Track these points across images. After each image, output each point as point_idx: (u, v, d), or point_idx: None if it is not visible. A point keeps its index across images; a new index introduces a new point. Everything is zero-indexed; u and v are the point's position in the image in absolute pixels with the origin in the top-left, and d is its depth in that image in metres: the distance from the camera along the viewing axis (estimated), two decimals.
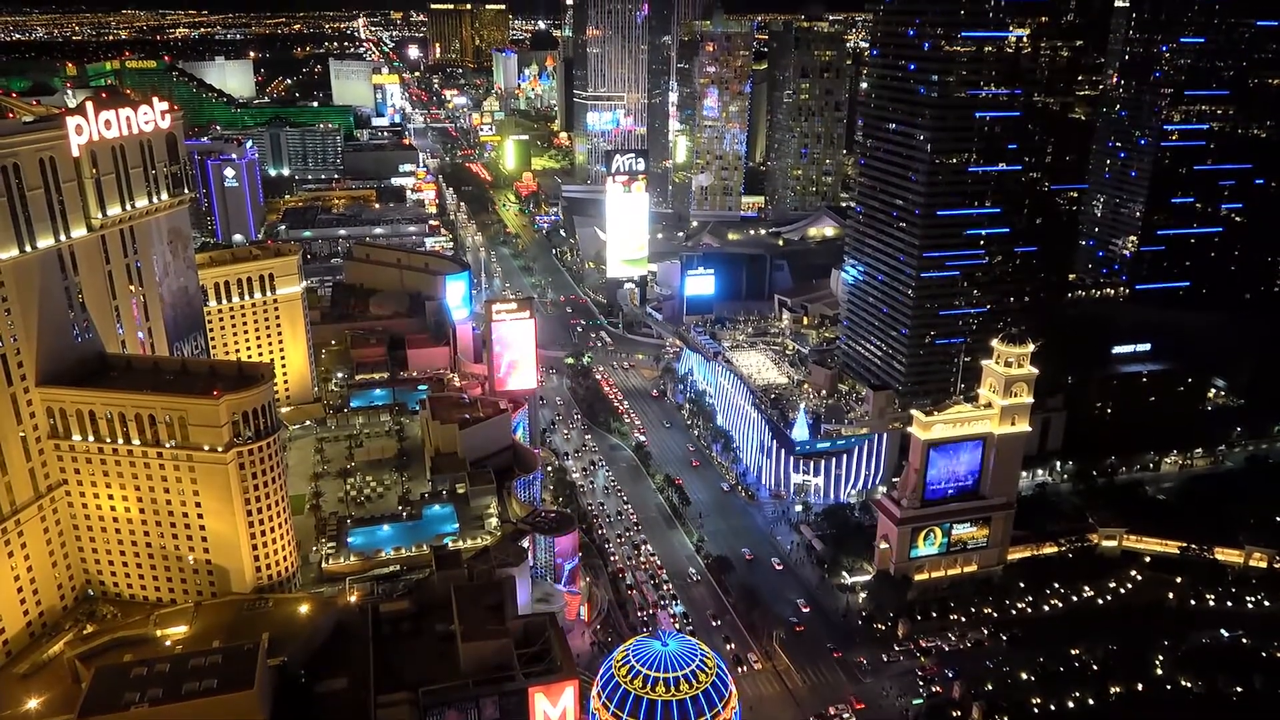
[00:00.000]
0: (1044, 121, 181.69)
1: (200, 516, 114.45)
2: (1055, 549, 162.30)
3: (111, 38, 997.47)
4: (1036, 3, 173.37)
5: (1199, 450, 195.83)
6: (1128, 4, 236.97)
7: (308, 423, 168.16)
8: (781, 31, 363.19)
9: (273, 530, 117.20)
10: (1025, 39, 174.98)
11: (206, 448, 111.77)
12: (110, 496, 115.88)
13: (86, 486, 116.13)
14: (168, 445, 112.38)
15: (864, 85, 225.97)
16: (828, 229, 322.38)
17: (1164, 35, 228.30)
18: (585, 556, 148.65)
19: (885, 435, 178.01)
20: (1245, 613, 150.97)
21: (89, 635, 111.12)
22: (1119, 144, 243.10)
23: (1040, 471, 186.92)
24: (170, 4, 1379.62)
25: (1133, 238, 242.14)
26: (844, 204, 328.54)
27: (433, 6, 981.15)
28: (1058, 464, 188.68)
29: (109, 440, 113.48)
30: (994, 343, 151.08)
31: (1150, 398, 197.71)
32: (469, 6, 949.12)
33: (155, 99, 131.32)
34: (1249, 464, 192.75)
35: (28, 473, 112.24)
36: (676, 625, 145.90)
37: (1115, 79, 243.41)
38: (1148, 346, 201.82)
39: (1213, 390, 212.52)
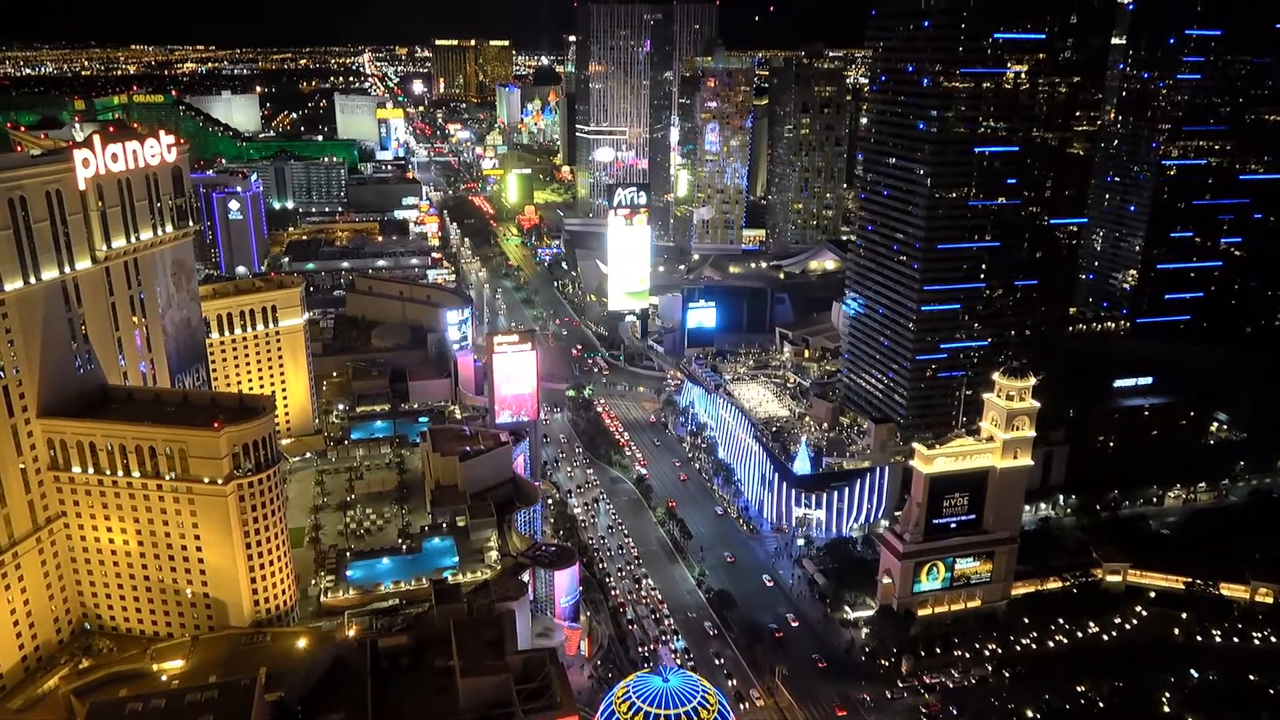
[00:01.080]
0: (1043, 156, 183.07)
1: (199, 549, 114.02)
2: (1059, 584, 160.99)
3: (120, 73, 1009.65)
4: (1034, 40, 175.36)
5: (1202, 484, 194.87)
6: (1124, 41, 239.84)
7: (308, 455, 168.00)
8: (782, 68, 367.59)
9: (272, 563, 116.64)
10: (1023, 75, 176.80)
11: (206, 480, 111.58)
12: (109, 529, 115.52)
13: (85, 519, 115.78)
14: (168, 477, 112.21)
15: (864, 120, 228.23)
16: (828, 262, 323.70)
17: (1161, 72, 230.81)
18: (586, 590, 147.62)
19: (887, 468, 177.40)
20: (1251, 649, 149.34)
21: (85, 670, 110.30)
22: (1118, 178, 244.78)
23: (1043, 505, 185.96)
24: (178, 39, 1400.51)
25: (1133, 271, 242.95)
26: (845, 237, 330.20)
27: (437, 42, 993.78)
28: (1060, 498, 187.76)
29: (109, 472, 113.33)
30: (995, 376, 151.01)
31: (1152, 431, 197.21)
32: (473, 43, 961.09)
33: (162, 133, 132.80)
34: (1252, 498, 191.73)
35: (27, 505, 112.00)
36: (678, 661, 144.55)
37: (1113, 115, 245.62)
38: (1149, 380, 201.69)
39: (1215, 424, 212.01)
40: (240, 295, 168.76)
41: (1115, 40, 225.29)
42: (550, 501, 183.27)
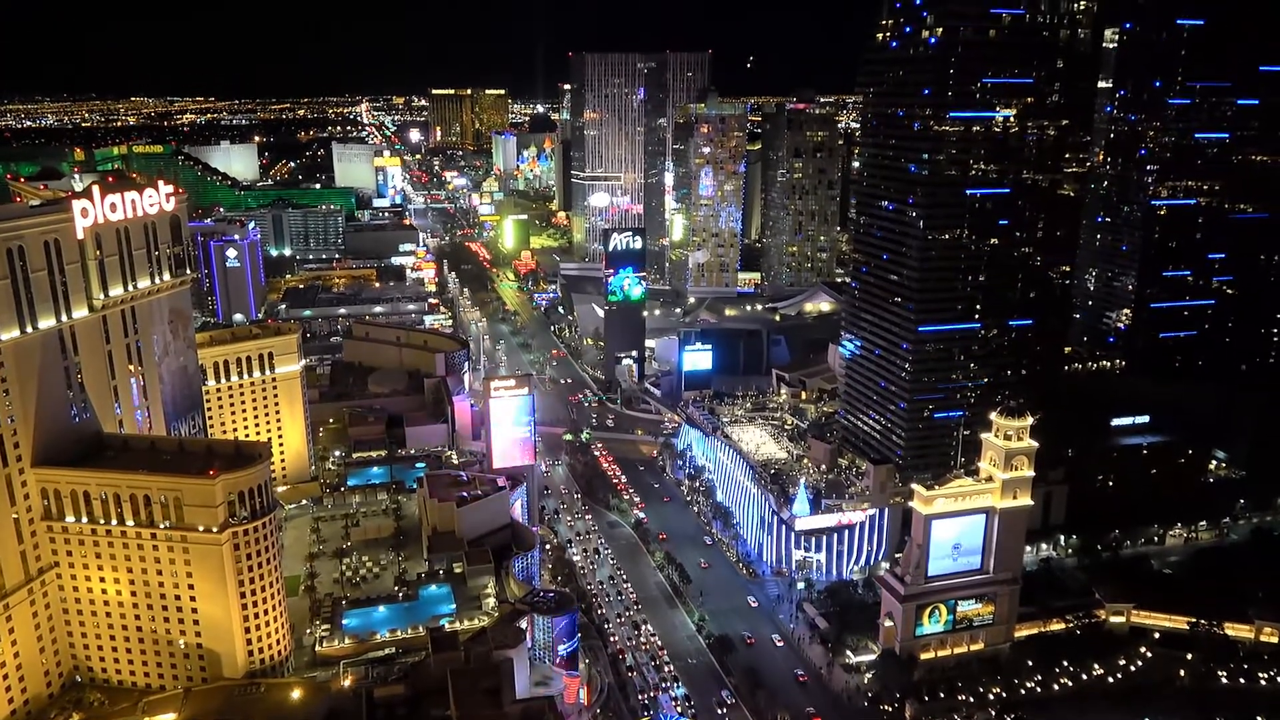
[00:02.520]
0: (1034, 197, 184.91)
1: (193, 599, 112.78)
2: (1062, 625, 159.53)
3: (120, 124, 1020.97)
4: (1022, 84, 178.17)
5: (1203, 523, 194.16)
6: (1111, 84, 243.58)
7: (304, 502, 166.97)
8: (774, 113, 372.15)
9: (266, 613, 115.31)
10: (1012, 119, 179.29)
11: (201, 528, 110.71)
12: (102, 579, 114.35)
13: (78, 569, 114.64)
14: (162, 526, 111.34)
15: (856, 164, 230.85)
16: (824, 304, 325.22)
17: (1148, 114, 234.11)
18: (584, 637, 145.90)
19: (887, 510, 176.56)
20: (1258, 689, 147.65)
21: None
22: (1109, 219, 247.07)
23: (1044, 546, 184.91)
24: (178, 91, 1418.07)
25: (1126, 310, 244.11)
26: (839, 279, 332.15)
27: (434, 92, 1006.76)
28: (1061, 538, 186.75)
29: (103, 521, 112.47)
30: (993, 415, 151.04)
31: (1151, 470, 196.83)
32: (469, 91, 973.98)
33: (160, 182, 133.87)
34: (1254, 536, 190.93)
35: (19, 556, 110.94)
36: (678, 708, 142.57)
37: (1102, 156, 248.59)
38: (1146, 419, 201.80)
39: (1213, 462, 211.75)
40: (237, 342, 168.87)
41: (1102, 84, 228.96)
42: (548, 547, 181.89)
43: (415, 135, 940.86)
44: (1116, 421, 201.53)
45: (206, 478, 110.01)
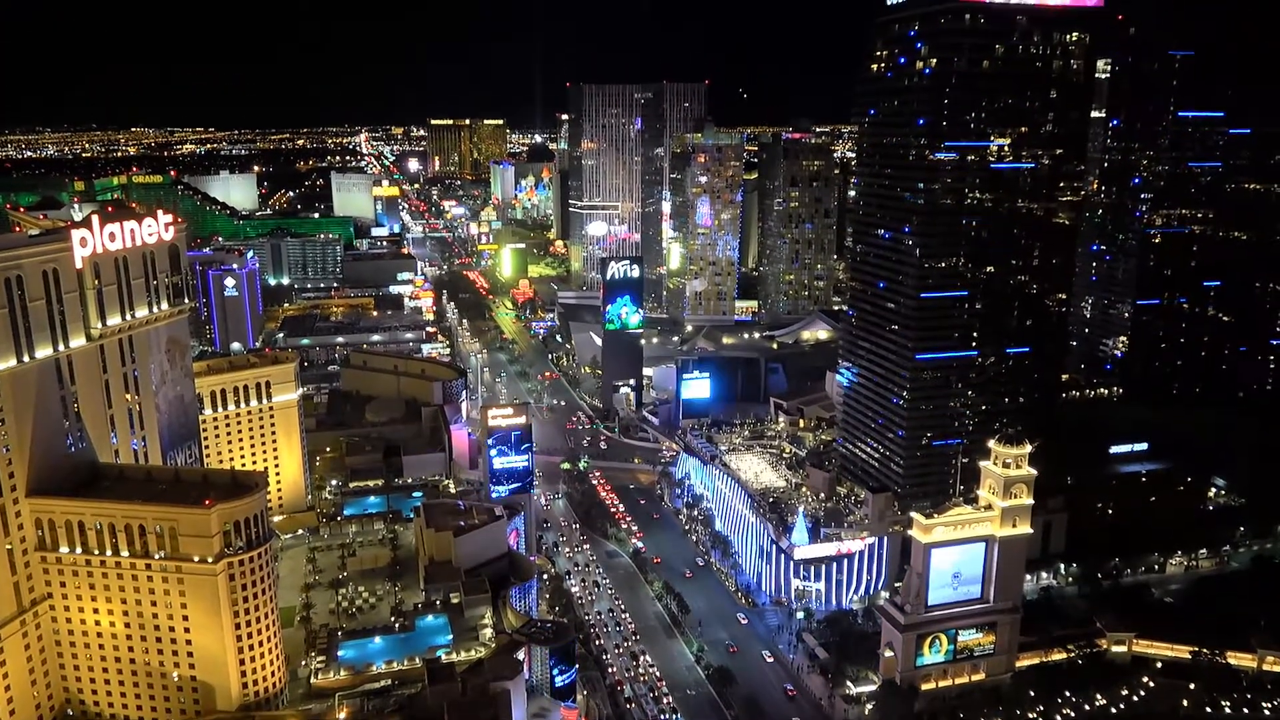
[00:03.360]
0: (1029, 226, 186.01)
1: (187, 631, 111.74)
2: (1064, 655, 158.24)
3: (120, 154, 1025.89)
4: (1016, 113, 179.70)
5: (1203, 551, 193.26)
6: (1104, 114, 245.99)
7: (300, 531, 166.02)
8: (771, 143, 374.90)
9: (261, 644, 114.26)
10: (1006, 148, 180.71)
11: (196, 559, 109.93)
12: (95, 610, 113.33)
13: (71, 600, 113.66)
14: (157, 556, 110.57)
15: (852, 193, 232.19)
16: (821, 332, 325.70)
17: (1141, 143, 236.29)
18: (582, 668, 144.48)
19: (886, 538, 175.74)
20: None
21: None
22: (1104, 247, 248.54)
23: (1044, 574, 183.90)
24: (178, 122, 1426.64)
25: (1123, 338, 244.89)
26: (836, 307, 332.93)
27: (433, 122, 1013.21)
28: (1061, 566, 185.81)
29: (97, 552, 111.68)
30: (991, 443, 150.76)
31: (1151, 498, 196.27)
32: (468, 122, 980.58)
33: (160, 212, 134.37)
34: (1255, 564, 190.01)
35: (12, 587, 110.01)
36: None
37: (1096, 185, 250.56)
38: (1145, 446, 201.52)
39: (1213, 489, 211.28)
40: (234, 371, 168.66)
41: (1095, 113, 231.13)
42: (546, 577, 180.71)
43: (414, 165, 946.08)
44: (1115, 449, 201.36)
45: (202, 507, 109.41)
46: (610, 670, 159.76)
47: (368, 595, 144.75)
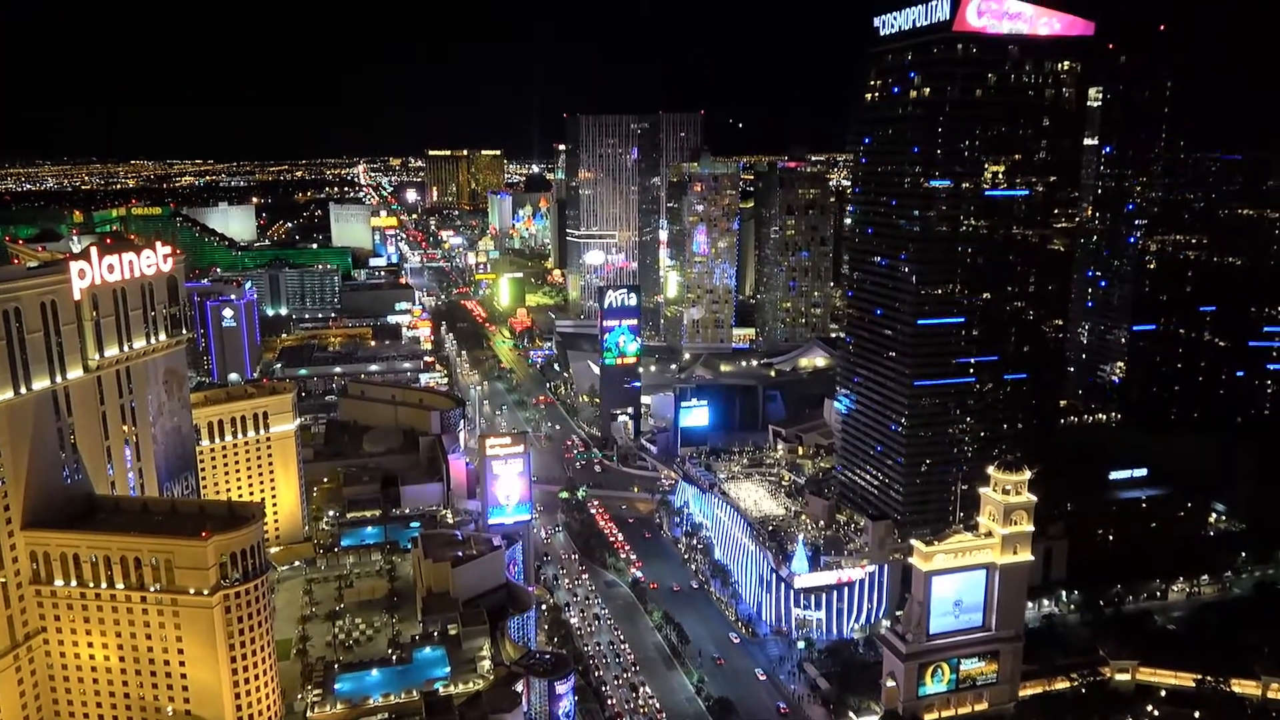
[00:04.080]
0: (1024, 252, 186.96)
1: (182, 664, 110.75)
2: (1067, 683, 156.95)
3: (120, 186, 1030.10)
4: (1009, 140, 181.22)
5: (1205, 577, 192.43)
6: (1096, 142, 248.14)
7: (297, 563, 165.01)
8: (767, 172, 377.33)
9: (257, 678, 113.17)
10: (1001, 176, 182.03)
11: (192, 591, 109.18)
12: (90, 644, 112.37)
13: (66, 634, 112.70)
14: (152, 589, 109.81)
15: (848, 220, 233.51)
16: (819, 359, 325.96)
17: (1134, 171, 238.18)
18: (581, 700, 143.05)
19: (886, 566, 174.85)
20: None
21: None
22: (1099, 273, 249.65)
23: (1046, 602, 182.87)
24: (178, 154, 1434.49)
25: (1120, 363, 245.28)
26: (833, 334, 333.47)
27: (430, 153, 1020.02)
28: (1063, 594, 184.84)
29: (92, 585, 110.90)
30: (990, 470, 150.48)
31: (1151, 523, 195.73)
32: (465, 152, 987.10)
33: (158, 243, 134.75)
34: (1257, 590, 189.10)
35: (6, 621, 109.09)
36: None
37: (1090, 211, 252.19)
38: (1144, 471, 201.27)
39: (1213, 515, 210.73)
40: (232, 402, 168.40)
41: (1088, 141, 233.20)
42: (544, 607, 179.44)
43: (412, 195, 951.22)
44: (1114, 474, 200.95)
45: (198, 539, 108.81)
46: (610, 702, 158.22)
47: (365, 627, 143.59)
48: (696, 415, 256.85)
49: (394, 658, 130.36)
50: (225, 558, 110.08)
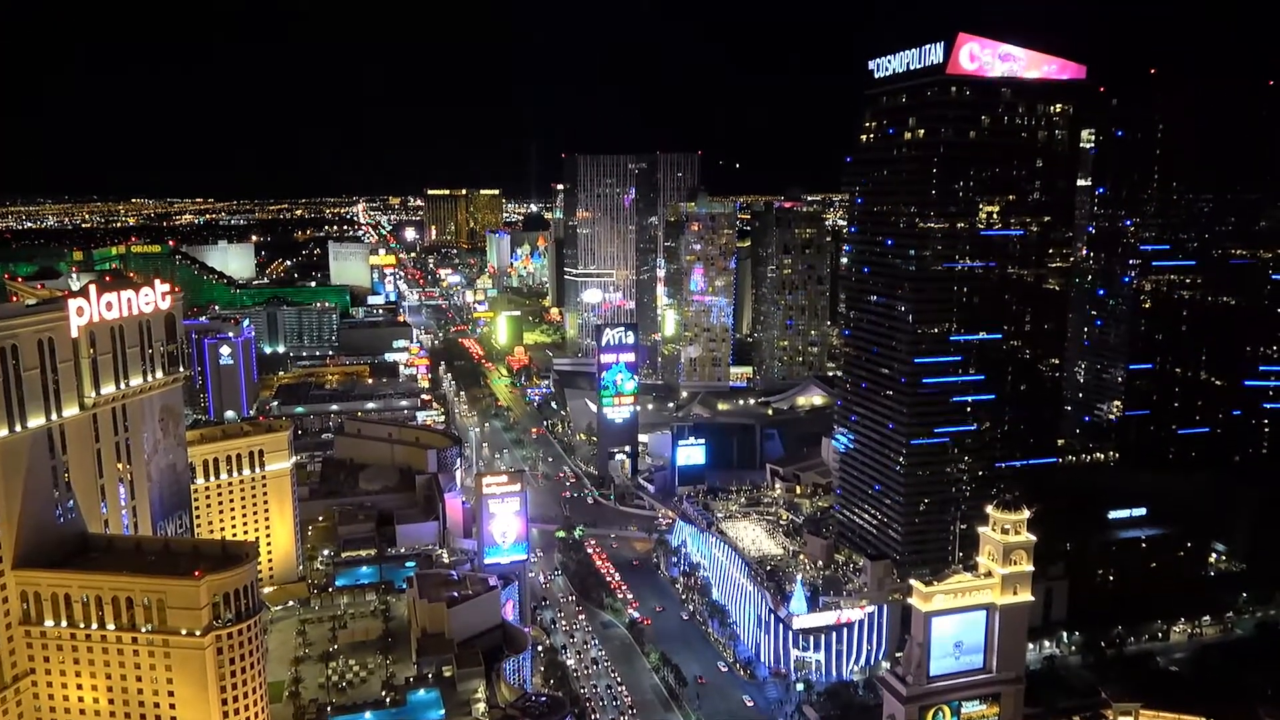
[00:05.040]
0: (1020, 292, 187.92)
1: (173, 707, 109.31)
2: None
3: (120, 224, 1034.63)
4: (1003, 181, 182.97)
5: (1207, 618, 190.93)
6: (1090, 182, 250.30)
7: (290, 603, 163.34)
8: (763, 211, 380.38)
9: None
10: (995, 216, 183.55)
11: (184, 631, 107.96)
12: (79, 686, 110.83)
13: (55, 675, 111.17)
14: (144, 629, 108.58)
15: (844, 260, 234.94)
16: (816, 398, 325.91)
17: (1127, 211, 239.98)
18: None
19: (886, 607, 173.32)
20: None
21: None
22: (1095, 312, 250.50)
23: (1047, 643, 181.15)
24: (178, 193, 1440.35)
25: (1117, 403, 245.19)
26: (830, 373, 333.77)
27: (429, 192, 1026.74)
28: (1064, 635, 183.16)
29: (83, 625, 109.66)
30: (989, 509, 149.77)
31: (1151, 563, 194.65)
32: (464, 192, 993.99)
33: (157, 281, 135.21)
34: (1259, 631, 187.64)
35: None
36: None
37: (1085, 251, 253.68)
38: (1143, 511, 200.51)
39: (1213, 555, 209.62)
40: (228, 440, 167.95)
41: (1082, 182, 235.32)
42: (541, 648, 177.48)
43: (411, 234, 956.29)
44: (1113, 514, 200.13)
45: (191, 579, 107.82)
46: None
47: (358, 669, 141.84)
48: (694, 454, 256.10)
49: (388, 700, 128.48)
50: (218, 598, 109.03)
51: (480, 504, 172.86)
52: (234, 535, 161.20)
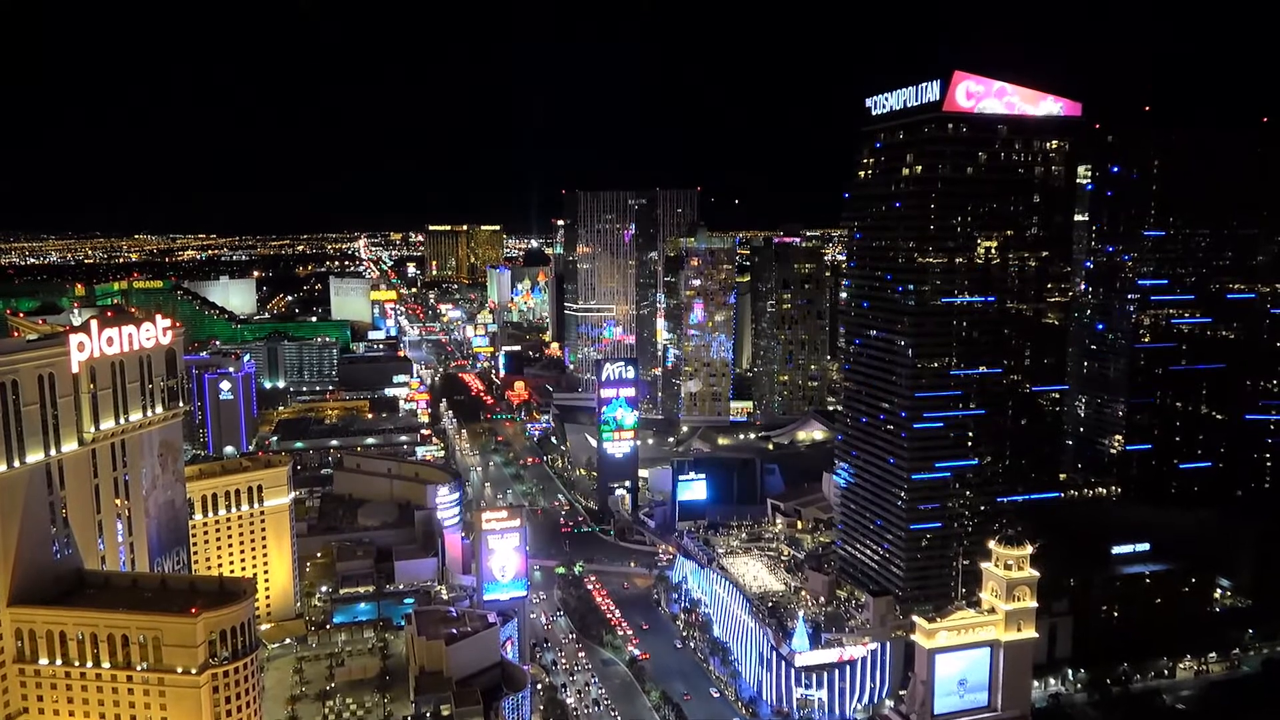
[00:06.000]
0: (1019, 326, 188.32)
1: None
2: None
3: (122, 260, 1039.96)
4: (1001, 217, 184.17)
5: (1213, 654, 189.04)
6: (1087, 218, 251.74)
7: (288, 640, 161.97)
8: (762, 246, 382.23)
9: None
10: (994, 251, 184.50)
11: (179, 669, 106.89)
12: None
13: (49, 714, 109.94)
14: (139, 667, 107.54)
15: (843, 294, 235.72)
16: (816, 432, 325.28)
17: (1124, 246, 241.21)
18: None
19: (889, 644, 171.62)
20: None
21: None
22: (1094, 346, 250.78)
23: (1052, 680, 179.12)
24: (181, 228, 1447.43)
25: (1118, 437, 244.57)
26: (831, 407, 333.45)
27: (431, 228, 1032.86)
28: (1069, 672, 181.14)
29: (78, 663, 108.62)
30: (991, 544, 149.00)
31: (1156, 599, 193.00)
32: (465, 227, 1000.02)
33: (158, 316, 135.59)
34: (1265, 668, 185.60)
35: None
36: None
37: (1083, 286, 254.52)
38: (1146, 546, 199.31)
39: (1218, 591, 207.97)
40: (227, 475, 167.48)
41: (1079, 217, 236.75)
42: (540, 686, 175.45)
43: (412, 269, 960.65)
44: (1117, 549, 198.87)
45: (188, 616, 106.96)
46: None
47: (356, 708, 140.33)
48: (694, 489, 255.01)
49: None
50: (214, 635, 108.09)
51: (479, 539, 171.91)
52: (232, 571, 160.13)
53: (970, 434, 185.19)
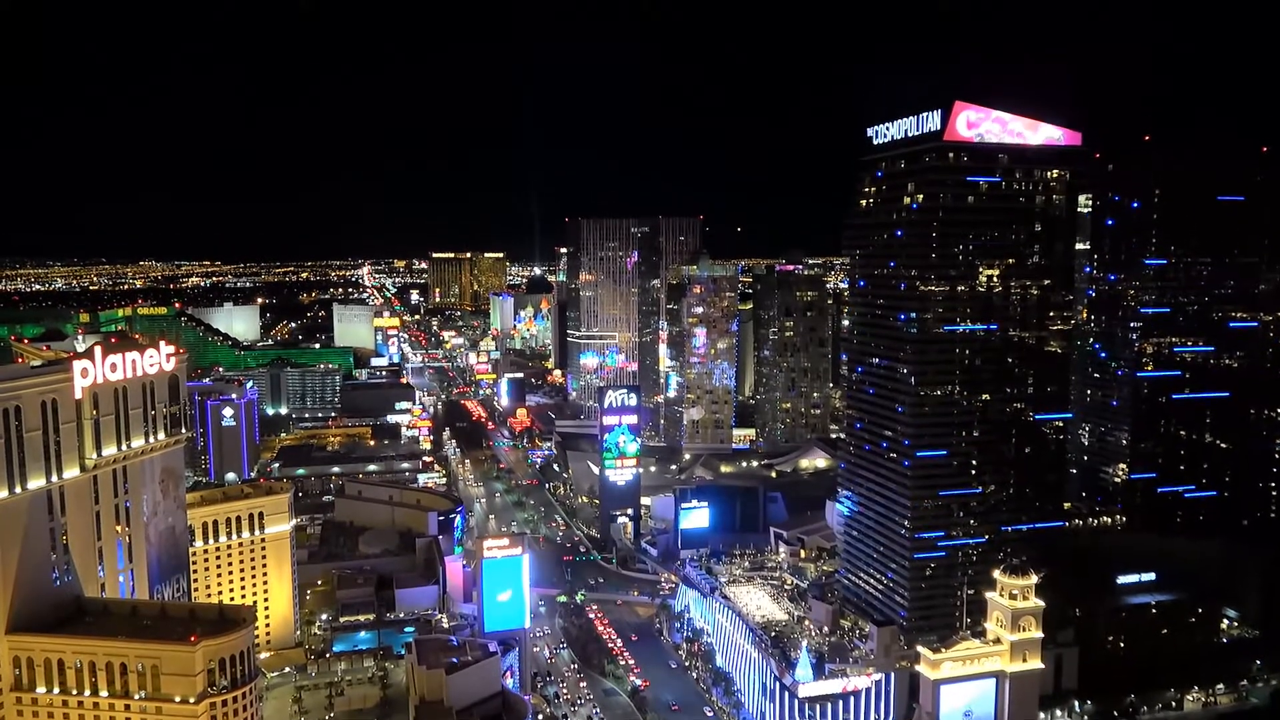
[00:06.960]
0: (1021, 354, 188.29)
1: None
2: None
3: (127, 287, 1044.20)
4: (1002, 245, 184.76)
5: (1221, 686, 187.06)
6: (1089, 246, 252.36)
7: (287, 669, 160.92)
8: (765, 274, 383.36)
9: None
10: (995, 279, 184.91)
11: (177, 699, 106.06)
12: None
13: None
14: (137, 696, 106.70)
15: (845, 322, 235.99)
16: (819, 460, 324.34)
17: (1126, 275, 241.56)
18: None
19: (894, 675, 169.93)
20: None
21: None
22: (1097, 374, 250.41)
23: (1059, 712, 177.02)
24: (185, 255, 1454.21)
25: (1122, 465, 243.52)
26: (833, 435, 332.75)
27: (434, 255, 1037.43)
28: (1076, 704, 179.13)
29: (75, 692, 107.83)
30: (996, 574, 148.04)
31: (1162, 630, 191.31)
32: (468, 255, 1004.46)
33: (162, 343, 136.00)
34: (1274, 700, 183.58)
35: None
36: None
37: (1086, 314, 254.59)
38: (1152, 576, 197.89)
39: (1225, 621, 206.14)
40: (228, 502, 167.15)
41: (1080, 245, 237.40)
42: (540, 717, 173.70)
43: (415, 296, 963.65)
44: (1122, 579, 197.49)
45: (186, 644, 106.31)
46: None
47: None
48: (697, 517, 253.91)
49: None
50: (214, 663, 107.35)
51: (480, 567, 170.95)
52: (232, 599, 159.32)
53: (973, 462, 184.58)
